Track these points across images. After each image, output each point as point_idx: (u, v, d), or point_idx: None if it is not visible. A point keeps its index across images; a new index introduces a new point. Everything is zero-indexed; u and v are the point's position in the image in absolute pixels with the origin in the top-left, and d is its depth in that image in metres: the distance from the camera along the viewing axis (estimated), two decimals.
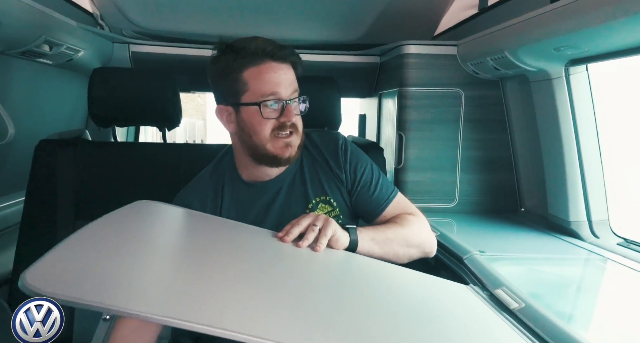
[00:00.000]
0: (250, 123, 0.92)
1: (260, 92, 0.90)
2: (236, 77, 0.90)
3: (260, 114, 0.90)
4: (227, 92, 0.93)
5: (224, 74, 0.92)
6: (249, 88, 0.90)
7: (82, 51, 1.46)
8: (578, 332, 0.70)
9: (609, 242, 1.21)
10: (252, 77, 0.90)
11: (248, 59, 0.90)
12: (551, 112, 1.27)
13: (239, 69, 0.90)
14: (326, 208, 1.02)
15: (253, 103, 0.90)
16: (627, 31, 0.91)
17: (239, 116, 0.93)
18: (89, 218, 1.27)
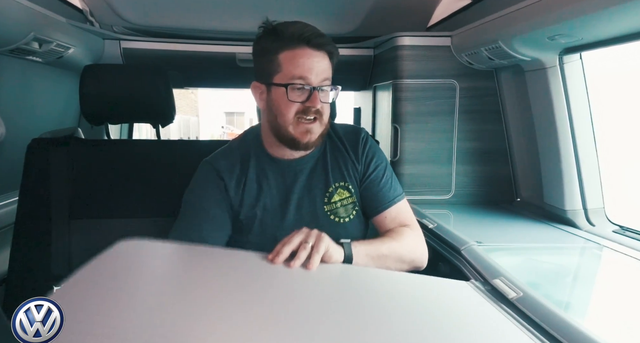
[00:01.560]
0: (277, 103, 0.96)
1: (290, 74, 0.93)
2: (272, 58, 0.94)
3: (286, 95, 0.94)
4: (263, 70, 0.97)
5: (262, 54, 0.96)
6: (282, 70, 0.94)
7: (72, 48, 1.44)
8: (576, 319, 0.71)
9: (605, 230, 1.22)
10: (286, 59, 0.94)
11: (285, 42, 0.93)
12: (546, 102, 1.27)
13: (275, 51, 0.94)
14: (344, 194, 1.06)
15: (282, 84, 0.94)
16: (619, 19, 0.91)
17: (269, 95, 0.97)
18: (83, 217, 1.28)
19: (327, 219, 1.03)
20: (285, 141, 0.98)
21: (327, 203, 1.04)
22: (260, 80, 0.99)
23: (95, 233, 1.29)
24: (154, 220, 1.32)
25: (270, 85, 0.96)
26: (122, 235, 1.30)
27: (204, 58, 1.81)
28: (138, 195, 1.32)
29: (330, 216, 1.04)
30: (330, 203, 1.05)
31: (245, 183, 1.02)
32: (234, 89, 2.72)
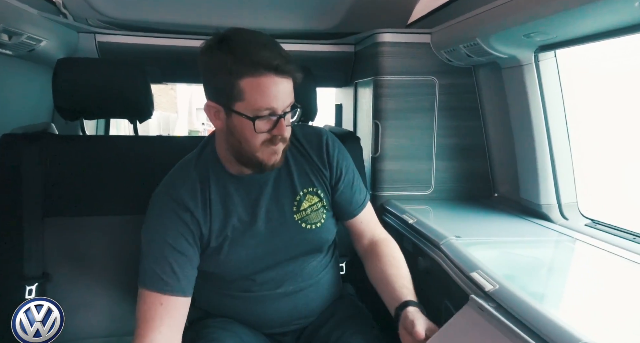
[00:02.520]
0: (241, 131, 0.89)
1: (256, 105, 0.85)
2: (232, 81, 0.84)
3: (253, 127, 0.87)
4: (219, 91, 0.87)
5: (218, 73, 0.85)
6: (245, 98, 0.85)
7: (45, 41, 1.40)
8: (550, 310, 0.73)
9: (578, 223, 1.26)
10: (250, 88, 0.84)
11: (247, 68, 0.83)
12: (522, 98, 1.30)
13: (235, 75, 0.83)
14: (313, 199, 1.03)
15: (247, 116, 0.86)
16: (592, 17, 0.93)
17: (229, 119, 0.89)
18: (57, 214, 1.25)
19: (298, 228, 1.02)
20: (249, 164, 0.94)
21: (296, 212, 1.02)
22: (217, 101, 0.89)
23: (71, 231, 1.26)
24: (131, 217, 1.30)
25: (231, 110, 0.87)
26: (98, 233, 1.28)
27: (183, 53, 1.78)
28: (115, 192, 1.29)
29: (302, 224, 1.02)
30: (300, 211, 1.02)
31: (210, 206, 0.96)
32: None
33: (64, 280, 1.23)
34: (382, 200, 1.58)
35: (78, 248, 1.25)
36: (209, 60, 0.87)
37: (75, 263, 1.25)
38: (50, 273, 1.22)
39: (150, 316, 0.89)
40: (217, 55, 0.85)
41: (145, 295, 0.91)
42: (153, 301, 0.90)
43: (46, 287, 1.21)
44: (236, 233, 0.98)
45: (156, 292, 0.91)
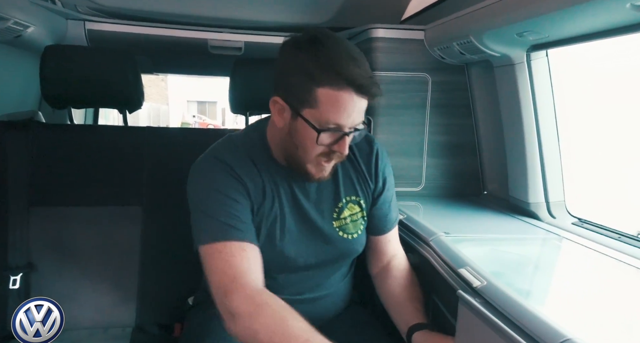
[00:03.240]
0: (302, 137, 0.85)
1: (326, 119, 0.82)
2: (310, 87, 0.80)
3: (316, 138, 0.83)
4: (292, 91, 0.83)
5: (298, 74, 0.81)
6: (318, 108, 0.81)
7: (32, 27, 1.37)
8: (535, 306, 0.73)
9: (565, 222, 1.27)
10: (326, 98, 0.80)
11: (331, 79, 0.79)
12: (513, 97, 1.31)
13: (317, 82, 0.80)
14: (355, 209, 1.01)
15: (314, 126, 0.83)
16: (585, 17, 0.94)
17: (293, 122, 0.85)
18: (43, 204, 1.23)
19: (335, 235, 0.99)
20: (296, 170, 0.91)
21: (336, 219, 0.99)
22: (286, 100, 0.85)
23: (56, 221, 1.24)
24: (118, 208, 1.28)
25: (298, 114, 0.84)
26: (84, 223, 1.26)
27: (174, 43, 1.75)
28: (102, 182, 1.28)
29: (339, 232, 0.99)
30: (340, 219, 0.99)
31: (263, 185, 0.92)
32: (205, 76, 2.66)
33: (49, 270, 1.21)
34: None
35: (64, 239, 1.24)
36: (292, 57, 0.83)
37: (60, 254, 1.23)
38: (35, 263, 1.20)
39: (237, 262, 0.82)
40: (302, 55, 0.81)
41: (217, 249, 0.84)
42: (232, 249, 0.83)
43: (31, 277, 1.19)
44: (274, 227, 0.94)
45: (233, 241, 0.84)
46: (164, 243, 1.29)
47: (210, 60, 1.86)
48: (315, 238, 0.98)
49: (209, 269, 0.85)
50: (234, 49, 1.77)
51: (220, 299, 0.81)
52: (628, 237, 1.08)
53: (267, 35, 1.76)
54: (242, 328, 0.78)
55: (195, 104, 19.58)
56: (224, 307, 0.80)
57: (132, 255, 1.27)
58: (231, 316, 0.79)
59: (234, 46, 1.76)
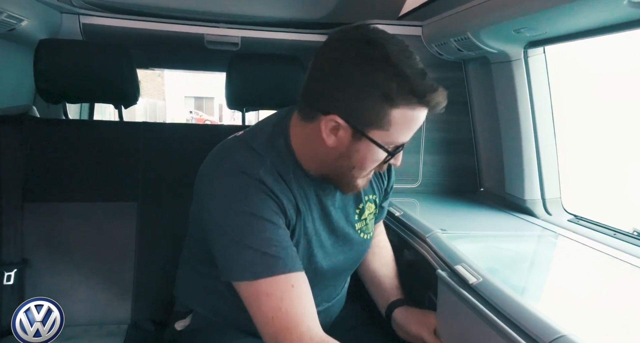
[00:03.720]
0: (363, 159, 0.78)
1: (398, 140, 0.76)
2: (384, 108, 0.72)
3: (382, 158, 0.78)
4: (359, 112, 0.73)
5: (371, 94, 0.72)
6: (389, 129, 0.74)
7: (26, 20, 1.35)
8: (531, 303, 0.74)
9: (561, 219, 1.28)
10: (402, 120, 0.74)
11: (409, 99, 0.72)
12: (510, 94, 1.31)
13: (394, 104, 0.72)
14: (372, 207, 0.98)
15: (384, 148, 0.77)
16: (582, 14, 0.94)
17: (353, 142, 0.76)
18: (38, 200, 1.22)
19: (358, 238, 0.96)
20: (340, 185, 0.85)
21: (358, 221, 0.96)
22: (347, 119, 0.74)
23: (51, 217, 1.23)
24: (114, 204, 1.28)
25: (363, 135, 0.75)
26: (79, 219, 1.25)
27: (170, 38, 1.74)
28: (98, 178, 1.27)
29: (361, 234, 0.96)
30: (361, 221, 0.96)
31: (296, 206, 0.84)
32: (202, 71, 2.64)
33: (44, 266, 1.21)
34: None
35: (58, 235, 1.23)
36: (356, 73, 0.72)
37: (55, 250, 1.22)
38: (30, 259, 1.19)
39: (289, 304, 0.74)
40: (372, 71, 0.71)
41: (261, 288, 0.75)
42: (280, 287, 0.74)
43: (25, 274, 1.19)
44: (311, 239, 0.88)
45: (279, 276, 0.74)
46: (159, 239, 1.29)
47: (207, 55, 1.84)
48: (344, 245, 0.94)
49: (254, 310, 0.76)
50: (231, 44, 1.76)
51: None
52: (623, 234, 1.09)
53: (264, 31, 1.75)
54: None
55: (192, 99, 19.51)
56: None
57: (127, 251, 1.26)
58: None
59: (230, 41, 1.75)
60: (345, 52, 0.73)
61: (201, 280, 0.97)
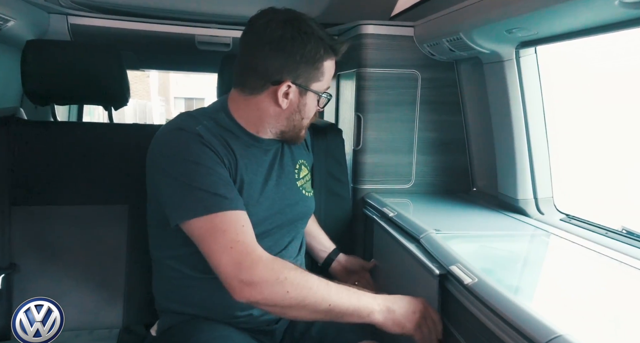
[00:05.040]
0: (308, 108, 1.00)
1: (327, 84, 1.01)
2: (319, 65, 0.96)
3: (317, 103, 1.02)
4: (305, 74, 0.96)
5: (309, 58, 0.94)
6: (322, 78, 0.99)
7: (12, 21, 1.33)
8: (527, 303, 0.74)
9: (553, 218, 1.28)
10: (327, 69, 0.99)
11: (330, 52, 0.97)
12: (502, 94, 1.31)
13: (324, 59, 0.96)
14: (305, 171, 1.15)
15: (320, 93, 1.00)
16: (574, 14, 0.94)
17: (301, 98, 0.98)
18: (25, 203, 1.19)
19: (300, 194, 1.10)
20: (290, 137, 1.04)
21: (298, 179, 1.11)
22: (297, 82, 0.96)
23: (39, 221, 1.21)
24: (103, 207, 1.26)
25: (306, 89, 0.98)
26: (68, 223, 1.23)
27: (161, 39, 1.72)
28: (87, 181, 1.25)
29: (303, 191, 1.11)
30: (300, 179, 1.12)
31: (235, 155, 0.97)
32: (192, 72, 2.62)
33: (32, 271, 1.18)
34: (363, 192, 1.58)
35: (47, 239, 1.21)
36: (301, 47, 0.93)
37: (44, 254, 1.20)
38: (18, 264, 1.17)
39: (242, 235, 0.86)
40: (311, 42, 0.94)
41: (214, 222, 0.86)
42: (233, 223, 0.87)
43: (13, 278, 1.16)
44: (250, 192, 0.99)
45: (229, 211, 0.87)
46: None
47: (198, 56, 1.83)
48: (287, 198, 1.06)
49: (209, 244, 0.86)
50: (222, 45, 1.74)
51: (234, 274, 0.83)
52: (615, 233, 1.10)
53: None
54: (270, 292, 0.83)
55: (182, 100, 19.37)
56: (242, 280, 0.83)
57: (118, 254, 1.24)
58: (250, 286, 0.83)
59: (222, 42, 1.74)
60: (279, 33, 0.93)
61: (171, 275, 1.03)
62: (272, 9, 0.97)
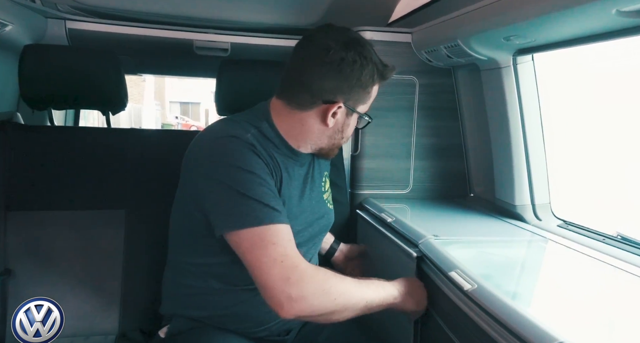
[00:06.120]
0: (350, 128, 1.03)
1: (368, 107, 1.03)
2: (370, 89, 0.99)
3: (357, 124, 1.05)
4: (354, 96, 0.98)
5: (364, 83, 0.96)
6: (369, 101, 1.02)
7: (10, 25, 1.32)
8: (525, 308, 0.74)
9: (550, 224, 1.29)
10: (374, 92, 1.02)
11: (379, 77, 0.99)
12: (499, 100, 1.32)
13: (375, 83, 0.99)
14: (328, 183, 1.18)
15: (363, 115, 1.02)
16: (571, 22, 0.95)
17: (346, 118, 1.00)
18: (21, 208, 1.19)
19: (326, 207, 1.12)
20: (325, 153, 1.06)
21: (324, 192, 1.13)
22: (346, 104, 0.97)
23: (35, 226, 1.20)
24: (100, 212, 1.25)
25: (353, 111, 0.99)
26: (65, 228, 1.22)
27: (159, 44, 1.72)
28: (84, 185, 1.24)
29: (327, 204, 1.13)
30: (326, 192, 1.14)
31: (278, 165, 0.98)
32: (190, 77, 2.62)
33: (28, 276, 1.17)
34: (361, 198, 1.58)
35: (43, 244, 1.20)
36: (360, 71, 0.95)
37: (39, 260, 1.19)
38: (13, 269, 1.16)
39: (290, 248, 0.86)
40: (368, 66, 0.95)
41: (264, 234, 0.85)
42: (283, 236, 0.86)
43: (8, 284, 1.15)
44: (293, 203, 1.01)
45: (279, 224, 0.87)
46: (148, 248, 1.26)
47: (196, 61, 1.83)
48: (319, 211, 1.09)
49: (258, 257, 0.84)
50: (220, 50, 1.74)
51: (282, 289, 0.82)
52: (612, 239, 1.10)
53: (253, 37, 1.74)
54: (319, 304, 0.84)
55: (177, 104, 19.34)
56: (290, 296, 0.82)
57: (115, 260, 1.24)
58: (300, 300, 0.82)
59: (220, 47, 1.74)
60: (342, 55, 0.93)
61: (190, 283, 1.01)
62: (332, 27, 0.98)
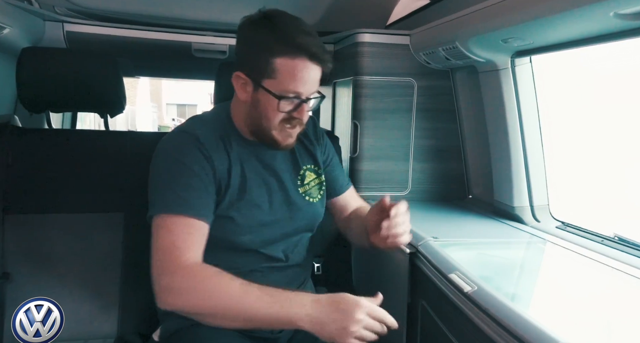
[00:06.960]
0: (264, 107, 0.93)
1: (285, 87, 0.90)
2: (268, 59, 0.88)
3: (277, 106, 0.91)
4: (252, 65, 0.91)
5: (256, 48, 0.89)
6: (276, 77, 0.89)
7: (8, 28, 1.32)
8: (524, 310, 0.74)
9: (549, 225, 1.29)
10: (284, 68, 0.88)
11: (287, 49, 0.87)
12: (498, 102, 1.33)
13: (272, 52, 0.87)
14: (312, 176, 1.11)
15: (275, 95, 0.90)
16: (569, 25, 0.96)
17: (255, 93, 0.93)
18: (19, 212, 1.18)
19: (303, 200, 1.07)
20: (264, 140, 0.98)
21: (301, 185, 1.08)
22: (247, 73, 0.92)
23: (33, 229, 1.19)
24: (98, 215, 1.24)
25: (259, 85, 0.91)
26: (63, 231, 1.21)
27: (157, 46, 1.72)
28: (82, 188, 1.24)
29: (305, 197, 1.08)
30: (304, 185, 1.08)
31: (230, 160, 0.97)
32: (189, 80, 2.62)
33: (26, 280, 1.16)
34: None
35: (41, 248, 1.19)
36: (250, 34, 0.91)
37: (37, 263, 1.18)
38: (11, 273, 1.15)
39: (181, 240, 0.86)
40: (259, 30, 0.89)
41: (166, 222, 0.88)
42: (179, 226, 0.87)
43: (6, 288, 1.14)
44: (252, 195, 0.98)
45: (182, 216, 0.88)
46: (146, 251, 1.25)
47: (195, 63, 1.83)
48: (290, 204, 1.04)
49: (153, 242, 0.88)
50: (219, 52, 1.75)
51: (156, 279, 0.85)
52: (610, 240, 1.11)
53: None
54: (187, 300, 0.83)
55: (174, 106, 19.31)
56: (161, 284, 0.85)
57: (113, 263, 1.23)
58: (168, 292, 0.84)
59: (218, 49, 1.74)
60: (246, 24, 0.92)
61: None
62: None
